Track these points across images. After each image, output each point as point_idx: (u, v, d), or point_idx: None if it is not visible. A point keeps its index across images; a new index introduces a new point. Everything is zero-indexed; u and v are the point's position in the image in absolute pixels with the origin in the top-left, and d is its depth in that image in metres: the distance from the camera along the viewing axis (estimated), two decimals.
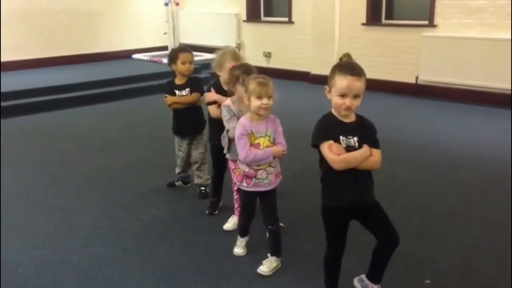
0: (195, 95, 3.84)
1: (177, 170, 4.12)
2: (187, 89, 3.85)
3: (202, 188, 4.01)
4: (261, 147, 2.76)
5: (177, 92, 3.86)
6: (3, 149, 5.28)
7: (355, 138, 2.32)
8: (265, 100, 2.68)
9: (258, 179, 2.81)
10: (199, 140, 3.97)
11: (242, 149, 2.73)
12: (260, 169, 2.79)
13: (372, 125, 2.41)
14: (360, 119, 2.39)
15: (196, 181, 4.05)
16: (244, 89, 2.76)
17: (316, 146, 2.34)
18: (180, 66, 3.83)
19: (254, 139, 2.76)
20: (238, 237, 3.12)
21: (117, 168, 4.73)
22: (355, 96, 2.25)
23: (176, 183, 4.18)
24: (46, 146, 5.50)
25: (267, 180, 2.81)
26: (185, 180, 4.17)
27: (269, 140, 2.77)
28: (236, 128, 2.80)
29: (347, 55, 2.44)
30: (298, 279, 2.82)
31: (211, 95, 3.43)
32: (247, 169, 2.81)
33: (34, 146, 5.50)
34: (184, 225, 3.54)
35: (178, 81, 3.89)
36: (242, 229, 3.10)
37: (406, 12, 7.93)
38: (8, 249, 3.21)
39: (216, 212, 3.68)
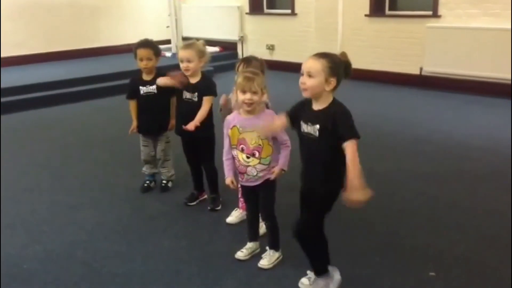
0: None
1: (144, 168, 4.08)
2: (154, 86, 3.76)
3: (164, 181, 4.02)
4: (249, 143, 2.71)
5: (141, 88, 3.81)
6: (7, 144, 5.29)
7: (317, 126, 2.29)
8: (248, 95, 2.62)
9: (248, 175, 2.78)
10: (161, 137, 3.94)
11: (224, 150, 2.85)
12: (249, 165, 2.75)
13: (341, 114, 2.24)
14: (330, 107, 2.29)
15: (162, 177, 4.05)
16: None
17: None
18: (138, 63, 3.77)
19: (238, 134, 2.73)
20: (248, 242, 3.02)
21: (120, 162, 4.73)
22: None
23: (150, 185, 4.08)
24: (49, 141, 5.51)
25: (257, 176, 2.77)
26: (155, 179, 4.13)
27: (258, 135, 2.69)
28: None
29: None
30: (302, 271, 2.79)
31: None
32: (237, 164, 2.80)
33: (38, 141, 5.51)
34: (188, 219, 3.55)
35: (145, 76, 3.82)
36: (250, 227, 3.01)
37: (410, 2, 7.86)
38: (12, 244, 3.22)
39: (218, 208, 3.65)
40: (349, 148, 2.18)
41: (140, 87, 3.82)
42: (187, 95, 3.46)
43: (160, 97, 3.78)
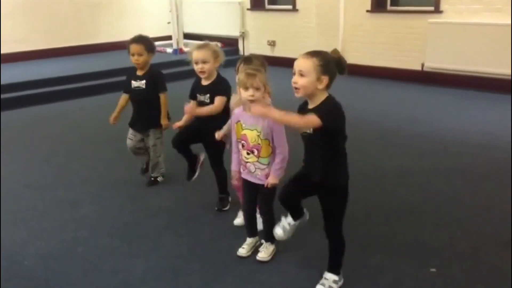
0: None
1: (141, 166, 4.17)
2: (143, 81, 3.83)
3: (152, 177, 4.11)
4: (249, 140, 2.72)
5: (133, 82, 3.87)
6: (7, 140, 5.30)
7: None
8: (250, 92, 2.62)
9: (249, 170, 2.80)
10: (151, 133, 3.97)
11: (232, 143, 2.92)
12: (248, 162, 2.77)
13: (329, 112, 2.26)
14: (323, 104, 2.31)
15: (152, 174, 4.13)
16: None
17: None
18: (131, 58, 3.81)
19: (241, 129, 2.74)
20: (247, 238, 3.04)
21: (121, 159, 4.72)
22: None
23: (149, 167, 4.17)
24: (50, 137, 5.51)
25: (255, 173, 2.78)
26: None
27: (258, 135, 2.69)
28: None
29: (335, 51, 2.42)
30: (301, 265, 2.82)
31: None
32: (240, 157, 2.84)
33: (38, 137, 5.51)
34: (189, 216, 3.54)
35: (138, 71, 3.87)
36: (248, 223, 3.02)
37: None
38: (13, 241, 3.22)
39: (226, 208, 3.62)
40: (308, 115, 2.24)
41: (132, 81, 3.89)
42: (199, 97, 3.42)
43: (148, 93, 3.84)
